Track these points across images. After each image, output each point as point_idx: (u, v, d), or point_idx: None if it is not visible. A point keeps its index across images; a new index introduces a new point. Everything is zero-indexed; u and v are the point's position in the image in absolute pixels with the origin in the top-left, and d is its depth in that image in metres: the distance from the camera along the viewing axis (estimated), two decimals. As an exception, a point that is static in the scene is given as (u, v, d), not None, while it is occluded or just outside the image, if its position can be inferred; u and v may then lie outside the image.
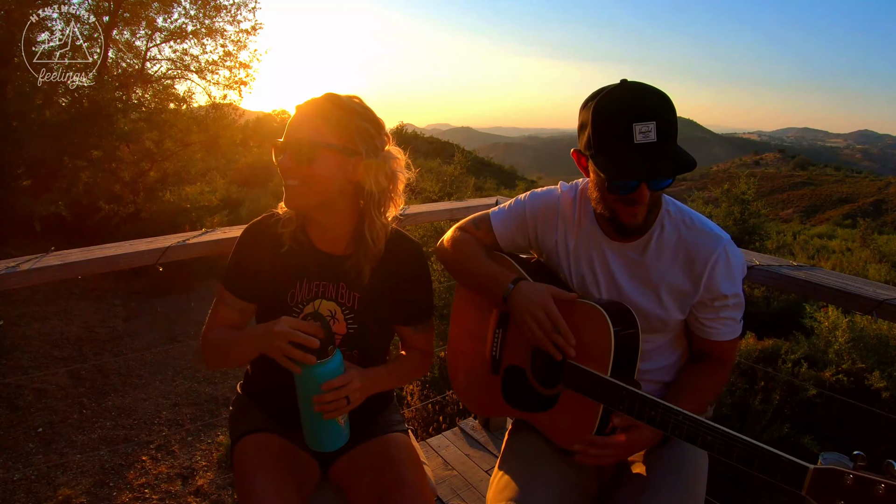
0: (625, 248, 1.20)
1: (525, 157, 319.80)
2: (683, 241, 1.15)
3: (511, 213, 1.34)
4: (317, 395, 1.07)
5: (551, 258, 1.31)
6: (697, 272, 1.14)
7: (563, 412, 1.20)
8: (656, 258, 1.17)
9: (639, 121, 0.99)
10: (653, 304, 1.19)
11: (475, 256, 1.33)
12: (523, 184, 21.16)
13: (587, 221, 1.23)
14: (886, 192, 42.77)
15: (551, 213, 1.28)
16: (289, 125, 1.12)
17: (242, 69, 9.43)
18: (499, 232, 1.34)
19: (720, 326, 1.18)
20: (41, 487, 3.01)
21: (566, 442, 1.18)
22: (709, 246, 1.13)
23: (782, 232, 11.82)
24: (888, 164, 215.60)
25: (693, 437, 0.96)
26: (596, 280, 1.23)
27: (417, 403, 3.33)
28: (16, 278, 1.44)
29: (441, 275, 4.26)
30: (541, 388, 1.25)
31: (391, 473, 1.19)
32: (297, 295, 1.21)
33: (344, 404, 1.10)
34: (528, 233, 1.32)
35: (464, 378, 1.46)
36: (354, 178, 1.14)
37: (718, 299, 1.15)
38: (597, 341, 1.12)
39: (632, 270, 1.20)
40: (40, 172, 7.73)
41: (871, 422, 2.97)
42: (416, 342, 1.36)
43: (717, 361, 1.23)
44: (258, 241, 1.22)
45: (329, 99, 1.13)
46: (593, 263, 1.23)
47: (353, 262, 1.19)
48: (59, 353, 4.71)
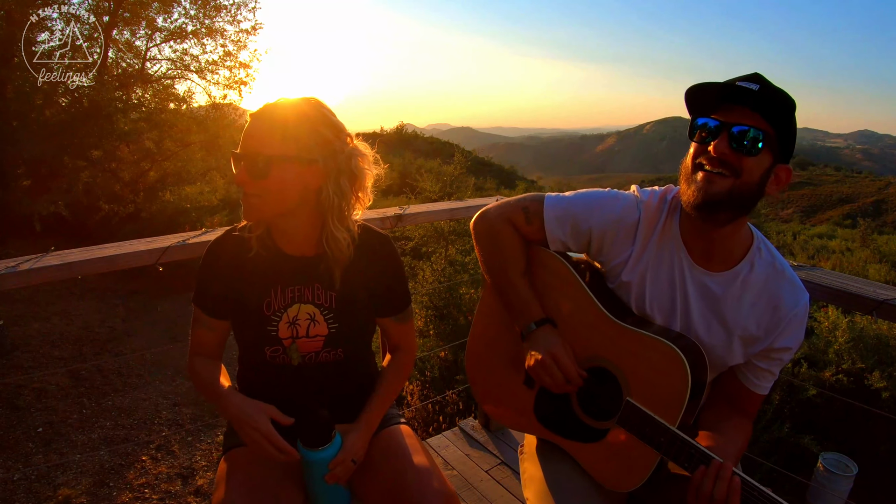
0: (707, 276, 1.10)
1: (525, 157, 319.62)
2: (770, 287, 1.08)
3: (572, 216, 1.16)
4: (327, 475, 1.14)
5: (613, 272, 1.17)
6: (776, 322, 1.08)
7: (611, 450, 1.11)
8: (739, 297, 1.09)
9: (743, 81, 0.97)
10: (720, 346, 1.11)
11: (511, 271, 1.20)
12: (523, 184, 21.17)
13: (672, 236, 1.12)
14: (886, 192, 42.75)
15: (629, 227, 1.13)
16: (244, 135, 1.09)
17: (242, 69, 9.45)
18: (551, 234, 1.18)
19: (763, 378, 1.14)
20: (41, 487, 3.01)
21: (612, 482, 1.11)
22: (794, 298, 1.08)
23: (782, 232, 11.82)
24: (888, 164, 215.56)
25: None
26: (667, 305, 1.13)
27: (417, 403, 3.33)
28: (16, 278, 1.44)
29: (441, 275, 4.25)
30: (586, 419, 1.16)
31: (399, 461, 1.20)
32: (274, 303, 1.20)
33: (352, 468, 1.17)
34: (587, 243, 1.18)
35: (487, 378, 1.36)
36: (314, 185, 1.11)
37: (781, 352, 1.11)
38: (667, 386, 1.03)
39: (709, 305, 1.11)
40: (40, 172, 7.74)
41: (871, 422, 2.97)
42: (399, 334, 1.36)
43: (744, 414, 1.16)
44: (222, 256, 1.21)
45: (281, 106, 1.09)
46: (673, 288, 1.12)
47: (325, 267, 1.19)
48: (59, 353, 4.70)
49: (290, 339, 1.21)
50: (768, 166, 1.00)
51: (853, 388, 3.12)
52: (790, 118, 0.98)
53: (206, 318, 1.23)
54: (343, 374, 1.28)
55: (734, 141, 0.97)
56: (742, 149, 0.97)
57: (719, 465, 0.94)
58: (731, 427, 1.12)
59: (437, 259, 4.41)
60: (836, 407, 3.09)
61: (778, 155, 1.00)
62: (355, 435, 1.19)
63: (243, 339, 1.25)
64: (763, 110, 0.96)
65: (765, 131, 0.97)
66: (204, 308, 1.23)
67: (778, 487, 0.88)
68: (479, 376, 1.39)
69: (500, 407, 1.35)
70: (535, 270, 1.23)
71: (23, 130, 7.06)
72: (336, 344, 1.23)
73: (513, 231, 1.21)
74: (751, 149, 0.97)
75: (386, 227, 2.07)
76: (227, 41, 9.24)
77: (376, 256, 1.26)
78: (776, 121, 0.97)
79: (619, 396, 1.09)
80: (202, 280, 1.23)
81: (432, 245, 4.65)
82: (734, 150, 0.97)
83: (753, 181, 0.99)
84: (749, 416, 1.17)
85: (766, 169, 1.00)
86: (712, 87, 0.99)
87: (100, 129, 7.50)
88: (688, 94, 1.03)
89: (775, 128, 0.98)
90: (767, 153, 0.99)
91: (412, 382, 3.50)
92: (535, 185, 21.78)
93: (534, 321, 1.17)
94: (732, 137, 0.97)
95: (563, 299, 1.19)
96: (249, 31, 9.37)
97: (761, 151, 0.98)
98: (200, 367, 1.25)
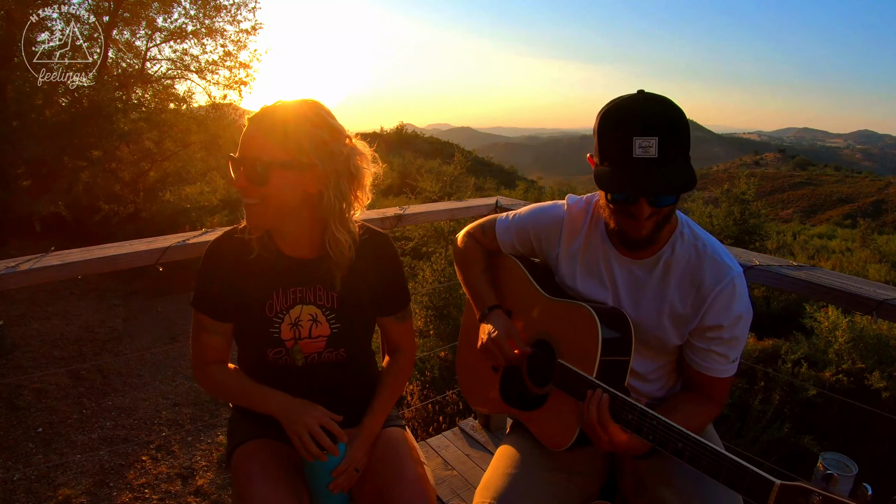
0: (633, 264, 1.18)
1: (525, 157, 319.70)
2: (692, 266, 1.13)
3: (514, 224, 1.38)
4: (331, 483, 1.16)
5: (554, 266, 1.33)
6: (700, 299, 1.11)
7: (550, 412, 1.20)
8: (662, 278, 1.16)
9: (640, 135, 0.97)
10: (653, 324, 1.17)
11: (472, 271, 1.45)
12: (523, 184, 21.16)
13: (598, 233, 1.23)
14: (886, 192, 42.79)
15: (554, 227, 1.30)
16: (242, 139, 1.08)
17: (242, 69, 9.47)
18: (501, 241, 1.41)
19: (709, 360, 1.15)
20: (41, 487, 3.01)
21: (550, 441, 1.19)
22: (718, 275, 1.10)
23: (782, 232, 11.81)
24: (888, 164, 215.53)
25: (665, 444, 0.96)
26: (599, 291, 1.23)
27: (417, 403, 3.33)
28: (16, 278, 1.44)
29: (441, 275, 4.26)
30: (533, 388, 1.26)
31: (392, 468, 1.20)
32: (276, 305, 1.20)
33: (355, 476, 1.19)
34: (530, 244, 1.36)
35: (468, 373, 1.50)
36: (314, 189, 1.11)
37: (712, 330, 1.12)
38: (585, 341, 1.12)
39: (636, 288, 1.19)
40: (40, 172, 7.74)
41: (871, 422, 2.97)
42: (399, 333, 1.36)
43: (706, 397, 1.19)
44: (223, 257, 1.19)
45: (280, 109, 1.08)
46: (601, 275, 1.22)
47: (326, 268, 1.19)
48: (59, 353, 4.71)
49: (292, 340, 1.21)
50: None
51: (853, 388, 3.12)
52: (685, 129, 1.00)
53: (212, 322, 1.20)
54: (346, 374, 1.28)
55: (655, 205, 1.04)
56: (664, 205, 1.04)
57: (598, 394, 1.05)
58: (684, 402, 1.19)
59: (437, 259, 4.42)
60: (836, 407, 3.09)
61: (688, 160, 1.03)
62: (358, 443, 1.20)
63: (244, 341, 1.25)
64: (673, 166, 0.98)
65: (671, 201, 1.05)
66: (209, 312, 1.20)
67: None
68: (463, 370, 1.54)
69: (476, 393, 1.48)
70: (499, 273, 1.45)
71: (23, 130, 7.07)
72: (339, 344, 1.23)
73: (475, 242, 1.48)
74: (672, 202, 1.05)
75: (386, 227, 2.07)
76: (227, 41, 9.27)
77: (377, 256, 1.27)
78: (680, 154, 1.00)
79: (554, 361, 1.19)
80: (204, 282, 1.20)
81: (432, 245, 4.66)
82: (655, 211, 1.05)
83: (672, 209, 1.09)
84: (713, 400, 1.19)
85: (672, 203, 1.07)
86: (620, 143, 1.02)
87: (100, 129, 7.51)
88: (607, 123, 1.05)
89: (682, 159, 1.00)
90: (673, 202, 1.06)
91: (412, 382, 3.51)
92: (536, 185, 21.79)
93: (487, 307, 1.36)
94: (654, 203, 1.04)
95: (517, 291, 1.38)
96: (249, 31, 9.39)
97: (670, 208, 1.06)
98: (220, 374, 1.23)
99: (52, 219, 7.22)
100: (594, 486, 1.28)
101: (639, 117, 0.98)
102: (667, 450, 0.96)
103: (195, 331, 1.22)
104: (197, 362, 1.24)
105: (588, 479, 1.26)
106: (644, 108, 1.00)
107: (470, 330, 1.49)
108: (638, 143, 0.97)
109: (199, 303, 1.20)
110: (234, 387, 1.23)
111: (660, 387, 1.26)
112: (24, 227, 7.08)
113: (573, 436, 1.12)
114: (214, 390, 1.26)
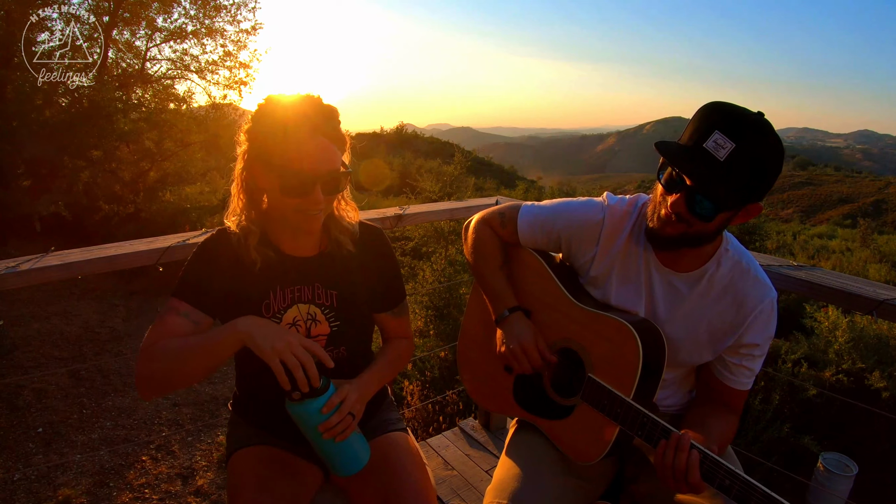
0: (674, 275, 1.15)
1: (525, 157, 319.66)
2: (735, 283, 1.12)
3: (543, 221, 1.27)
4: (321, 424, 1.05)
5: (582, 269, 1.26)
6: (741, 318, 1.11)
7: (578, 425, 1.17)
8: (704, 295, 1.13)
9: (722, 131, 0.92)
10: (687, 340, 1.15)
11: (489, 265, 1.33)
12: (523, 184, 21.17)
13: (641, 238, 1.16)
14: (886, 192, 42.78)
15: (592, 229, 1.21)
16: (297, 153, 1.02)
17: (242, 69, 9.46)
18: (523, 234, 1.30)
19: (738, 374, 1.16)
20: (41, 487, 3.01)
21: (577, 455, 1.17)
22: (760, 295, 1.10)
23: (782, 232, 11.82)
24: (888, 164, 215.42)
25: (711, 478, 0.94)
26: (633, 299, 1.18)
27: (417, 403, 3.33)
28: (16, 278, 1.44)
29: (441, 275, 4.25)
30: (556, 397, 1.23)
31: (394, 474, 1.19)
32: (273, 305, 1.17)
33: (350, 420, 1.09)
34: (558, 243, 1.27)
35: (474, 370, 1.45)
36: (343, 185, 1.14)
37: (748, 347, 1.13)
38: (622, 360, 1.09)
39: (673, 301, 1.16)
40: (40, 172, 7.73)
41: (871, 422, 2.97)
42: (396, 328, 1.36)
43: (727, 409, 1.19)
44: (218, 256, 1.15)
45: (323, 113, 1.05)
46: (638, 283, 1.17)
47: (326, 266, 1.20)
48: (59, 353, 4.70)
49: None
50: (728, 217, 1.02)
51: (853, 388, 3.12)
52: (762, 176, 0.94)
53: (190, 307, 1.10)
54: (346, 372, 1.28)
55: (691, 204, 0.98)
56: (696, 214, 0.99)
57: (678, 437, 0.98)
58: (713, 418, 1.15)
59: (436, 259, 4.42)
60: (836, 407, 3.09)
61: (743, 204, 1.00)
62: (351, 387, 1.12)
63: None
64: (727, 181, 0.93)
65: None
66: (191, 300, 1.11)
67: (778, 487, 0.88)
68: (466, 365, 1.48)
69: (486, 395, 1.43)
70: (516, 268, 1.35)
71: (23, 130, 7.06)
72: (339, 342, 1.23)
73: (491, 232, 1.35)
74: (706, 217, 0.98)
75: (386, 227, 2.07)
76: (227, 41, 9.25)
77: (373, 252, 1.27)
78: (740, 185, 0.94)
79: (584, 374, 1.16)
80: (192, 273, 1.14)
81: (432, 245, 4.66)
82: (688, 211, 0.99)
83: (708, 231, 1.03)
84: (733, 411, 1.19)
85: (726, 219, 1.02)
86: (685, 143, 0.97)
87: (100, 129, 7.50)
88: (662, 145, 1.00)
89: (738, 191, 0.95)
90: (727, 213, 1.00)
91: (412, 382, 3.50)
92: (536, 184, 21.80)
93: (507, 308, 1.27)
94: (690, 200, 0.98)
95: (538, 290, 1.30)
96: (249, 31, 9.38)
97: (718, 215, 0.99)
98: (170, 341, 1.05)
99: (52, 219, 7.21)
100: (601, 488, 1.28)
101: (735, 119, 0.93)
102: (713, 484, 0.94)
103: (162, 315, 1.09)
104: (149, 340, 1.05)
105: (597, 483, 1.26)
106: (748, 118, 0.93)
107: (476, 324, 1.44)
108: (715, 137, 0.92)
109: (181, 291, 1.12)
110: (189, 342, 1.03)
111: (671, 393, 1.26)
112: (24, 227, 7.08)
113: (603, 452, 1.11)
114: (162, 357, 1.03)
